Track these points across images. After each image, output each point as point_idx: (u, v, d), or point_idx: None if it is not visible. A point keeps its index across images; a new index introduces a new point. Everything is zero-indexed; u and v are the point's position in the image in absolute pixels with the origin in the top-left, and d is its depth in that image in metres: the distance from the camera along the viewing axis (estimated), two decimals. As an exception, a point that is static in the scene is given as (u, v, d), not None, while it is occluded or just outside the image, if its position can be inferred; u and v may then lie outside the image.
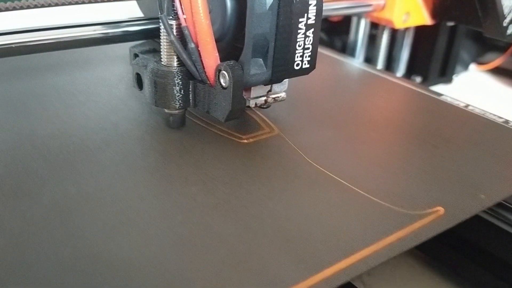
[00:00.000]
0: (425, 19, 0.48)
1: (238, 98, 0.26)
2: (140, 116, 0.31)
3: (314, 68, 0.27)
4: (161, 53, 0.27)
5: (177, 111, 0.28)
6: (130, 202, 0.23)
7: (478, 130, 0.33)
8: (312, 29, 0.26)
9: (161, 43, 0.27)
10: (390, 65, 0.53)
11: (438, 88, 0.54)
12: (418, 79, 0.54)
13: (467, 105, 0.36)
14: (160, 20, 0.26)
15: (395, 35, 0.52)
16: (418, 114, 0.36)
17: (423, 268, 0.31)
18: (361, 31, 0.52)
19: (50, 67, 0.38)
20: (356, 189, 0.25)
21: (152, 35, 0.30)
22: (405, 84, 0.40)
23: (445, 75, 0.55)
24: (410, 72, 0.54)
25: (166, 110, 0.28)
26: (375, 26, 0.51)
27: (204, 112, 0.28)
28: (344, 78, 0.42)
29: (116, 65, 0.39)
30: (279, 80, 0.27)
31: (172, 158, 0.26)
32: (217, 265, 0.19)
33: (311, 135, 0.30)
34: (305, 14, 0.26)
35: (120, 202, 0.23)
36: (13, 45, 0.28)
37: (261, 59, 0.26)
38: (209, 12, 0.26)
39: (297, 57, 0.26)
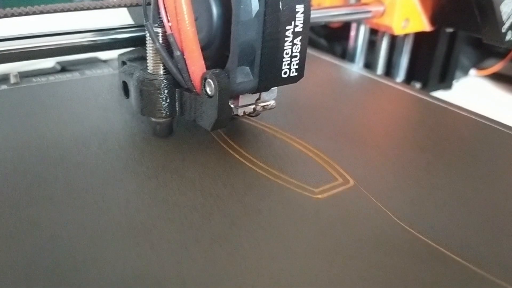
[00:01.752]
0: (425, 25, 0.46)
1: (224, 106, 0.25)
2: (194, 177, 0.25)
3: (303, 76, 0.26)
4: (147, 61, 0.26)
5: (163, 120, 0.27)
6: None
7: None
8: (300, 37, 0.25)
9: (147, 51, 0.26)
10: (389, 70, 0.52)
11: (438, 94, 0.52)
12: (418, 85, 0.52)
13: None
14: (146, 28, 0.25)
15: (394, 41, 0.50)
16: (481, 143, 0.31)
17: None
18: (360, 37, 0.50)
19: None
20: (474, 268, 0.19)
21: (141, 42, 0.29)
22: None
23: (445, 81, 0.53)
24: (410, 78, 0.52)
25: (152, 119, 0.27)
26: (374, 32, 0.50)
27: (190, 120, 0.26)
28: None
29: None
30: (266, 89, 0.26)
31: (239, 220, 0.21)
32: None
33: (385, 181, 0.25)
34: (292, 22, 0.24)
35: None
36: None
37: (247, 67, 0.25)
38: (196, 20, 0.25)
39: (285, 65, 0.25)
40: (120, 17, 0.34)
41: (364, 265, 0.19)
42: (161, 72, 0.26)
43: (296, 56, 0.25)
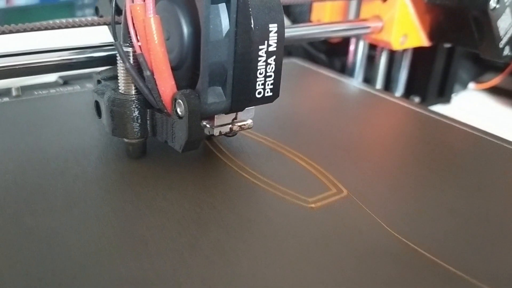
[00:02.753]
0: (423, 41, 0.44)
1: (194, 128, 0.23)
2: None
3: (278, 96, 0.24)
4: (119, 80, 0.24)
5: (136, 141, 0.25)
6: None
7: None
8: (274, 57, 0.23)
9: (118, 71, 0.24)
10: (388, 85, 0.49)
11: (437, 107, 0.49)
12: (417, 99, 0.49)
13: None
14: (115, 47, 0.23)
15: (393, 56, 0.48)
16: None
17: None
18: (360, 52, 0.48)
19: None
20: (470, 278, 0.18)
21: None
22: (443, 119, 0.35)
23: (444, 95, 0.51)
24: (408, 92, 0.50)
25: (125, 140, 0.25)
26: (373, 47, 0.48)
27: (162, 142, 0.25)
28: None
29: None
30: (240, 109, 0.24)
31: (234, 230, 0.21)
32: None
33: (379, 192, 0.24)
34: (266, 42, 0.22)
35: None
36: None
37: (220, 88, 0.23)
38: (167, 39, 0.23)
39: (259, 85, 0.23)
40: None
41: (357, 275, 0.18)
42: (133, 92, 0.24)
43: (270, 76, 0.23)
